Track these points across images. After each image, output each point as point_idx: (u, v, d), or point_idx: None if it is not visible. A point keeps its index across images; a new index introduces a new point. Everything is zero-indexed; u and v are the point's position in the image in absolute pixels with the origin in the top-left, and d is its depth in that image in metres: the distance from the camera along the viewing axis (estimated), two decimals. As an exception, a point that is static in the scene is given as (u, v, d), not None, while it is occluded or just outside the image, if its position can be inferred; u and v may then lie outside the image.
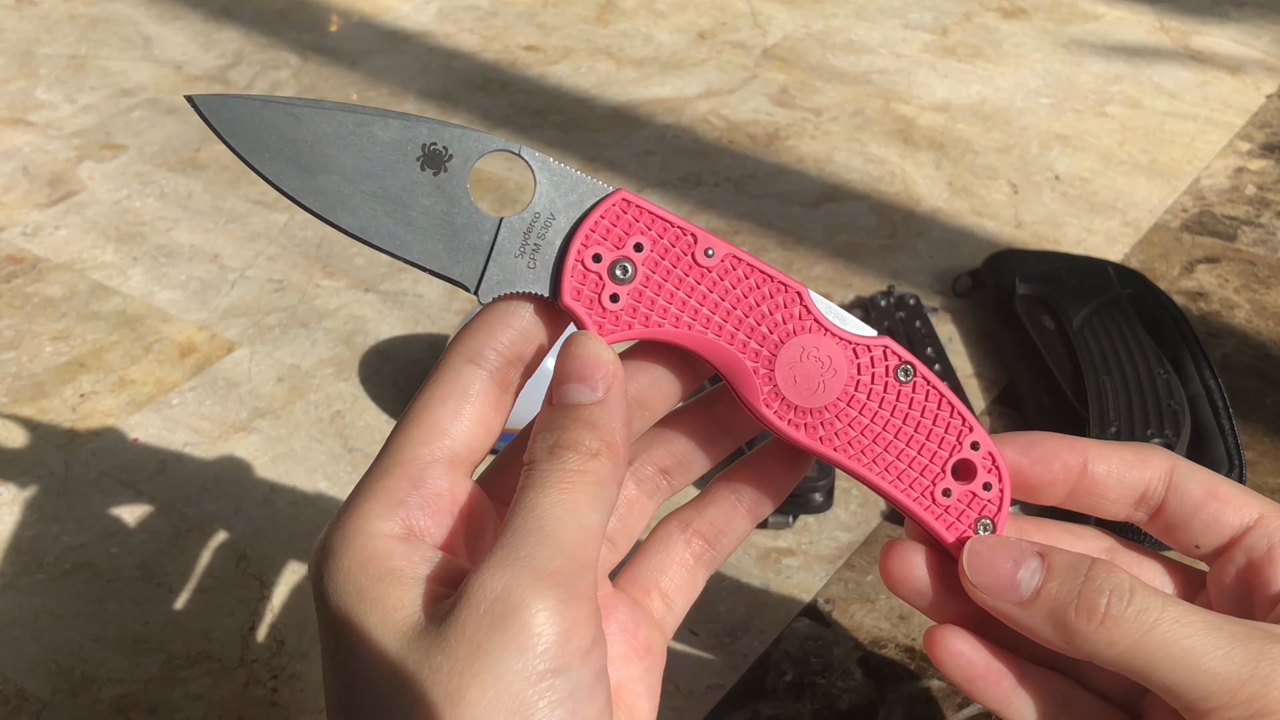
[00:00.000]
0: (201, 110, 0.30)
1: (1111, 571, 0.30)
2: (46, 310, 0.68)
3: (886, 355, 0.32)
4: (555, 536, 0.28)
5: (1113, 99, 0.85)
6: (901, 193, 0.76)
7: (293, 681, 0.48)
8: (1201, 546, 0.33)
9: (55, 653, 0.49)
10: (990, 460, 0.33)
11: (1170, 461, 0.33)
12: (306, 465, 0.58)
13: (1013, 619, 0.31)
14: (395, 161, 0.31)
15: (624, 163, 0.80)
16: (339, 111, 0.31)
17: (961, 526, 0.33)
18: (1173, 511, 0.33)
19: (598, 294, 0.31)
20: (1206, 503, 0.33)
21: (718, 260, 0.32)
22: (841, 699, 0.47)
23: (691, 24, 0.97)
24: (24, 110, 0.87)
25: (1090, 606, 0.30)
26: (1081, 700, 0.35)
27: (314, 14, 0.99)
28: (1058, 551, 0.31)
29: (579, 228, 0.31)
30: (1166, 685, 0.29)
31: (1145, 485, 0.33)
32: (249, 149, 0.30)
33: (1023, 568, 0.31)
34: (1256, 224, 0.72)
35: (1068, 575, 0.30)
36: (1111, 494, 0.33)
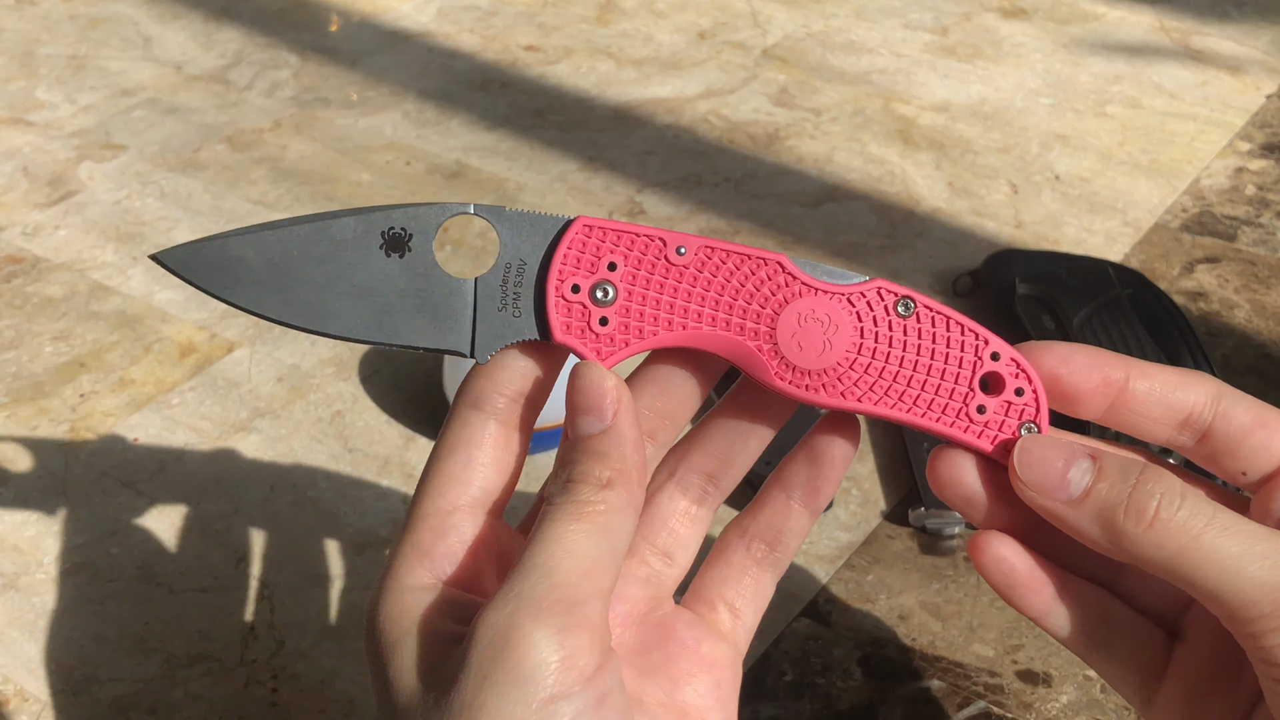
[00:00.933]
0: (169, 265, 0.31)
1: (1163, 476, 0.30)
2: (46, 310, 0.68)
3: (882, 295, 0.32)
4: (559, 569, 0.29)
5: (1113, 99, 0.85)
6: (901, 193, 0.76)
7: (293, 681, 0.48)
8: (1249, 474, 0.32)
9: (55, 653, 0.49)
10: (1015, 365, 0.33)
11: (1217, 386, 0.33)
12: (306, 465, 0.58)
13: (1060, 518, 0.31)
14: (361, 257, 0.32)
15: (624, 163, 0.80)
16: (294, 226, 0.31)
17: (1005, 436, 0.33)
18: (1220, 436, 0.32)
19: (586, 322, 0.32)
20: (1255, 429, 0.32)
21: (692, 255, 0.32)
22: (841, 699, 0.47)
23: (691, 24, 0.97)
24: (24, 110, 0.87)
25: (1140, 508, 0.30)
26: (1122, 614, 0.34)
27: (314, 14, 0.99)
28: (1109, 454, 0.31)
29: (550, 264, 0.32)
30: (1210, 592, 0.29)
31: (1190, 407, 0.32)
32: (224, 289, 0.31)
33: (1074, 467, 0.31)
34: (1256, 224, 0.72)
35: (1119, 477, 0.30)
36: (1154, 413, 0.32)
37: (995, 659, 0.48)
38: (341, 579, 0.52)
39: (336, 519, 0.55)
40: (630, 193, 0.77)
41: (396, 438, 0.59)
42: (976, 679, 0.47)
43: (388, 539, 0.54)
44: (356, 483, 0.57)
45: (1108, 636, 0.34)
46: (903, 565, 0.52)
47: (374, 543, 0.54)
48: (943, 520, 0.52)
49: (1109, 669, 0.35)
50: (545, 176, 0.78)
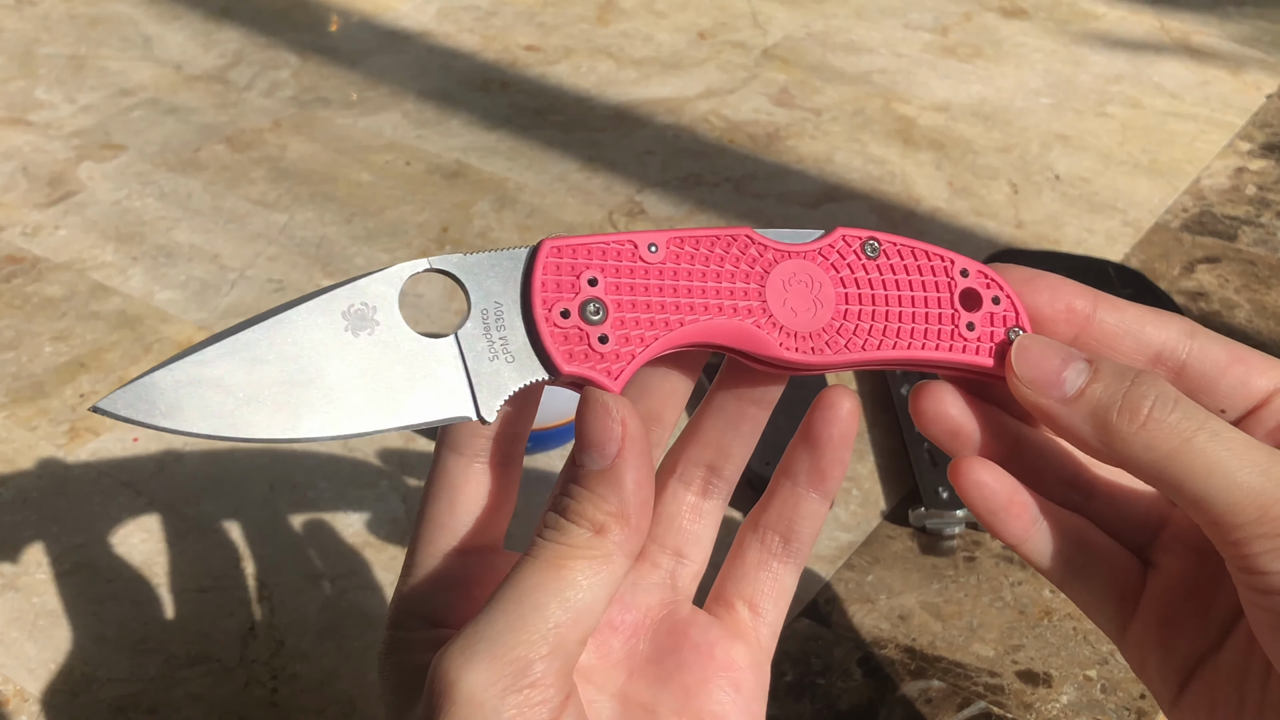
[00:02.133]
0: (130, 416, 0.28)
1: (1158, 380, 0.30)
2: (46, 310, 0.68)
3: (848, 242, 0.32)
4: (524, 624, 0.28)
5: (1113, 99, 0.85)
6: (901, 193, 0.76)
7: (292, 681, 0.48)
8: (1228, 411, 0.32)
9: (55, 653, 0.49)
10: (984, 277, 0.33)
11: (1189, 324, 0.32)
12: (306, 465, 0.58)
13: (1053, 417, 0.31)
14: (332, 345, 0.29)
15: (624, 163, 0.80)
16: (250, 332, 0.28)
17: (995, 343, 0.33)
18: (1196, 374, 0.32)
19: (587, 345, 0.30)
20: (1232, 365, 0.32)
21: (664, 251, 0.31)
22: (841, 699, 0.47)
23: (691, 24, 0.97)
24: (24, 110, 0.87)
25: (1134, 408, 0.30)
26: (1098, 540, 0.34)
27: (314, 14, 0.99)
28: (1104, 359, 0.31)
29: (530, 296, 0.30)
30: (1197, 496, 0.29)
31: (1162, 343, 0.32)
32: (196, 423, 0.28)
33: (1070, 367, 0.31)
34: (1257, 224, 0.72)
35: (1114, 378, 0.30)
36: (1123, 346, 0.32)
37: (995, 659, 0.48)
38: (341, 579, 0.52)
39: (336, 519, 0.55)
40: (630, 193, 0.77)
41: (396, 438, 0.59)
42: (977, 679, 0.47)
43: (388, 539, 0.54)
44: (356, 483, 0.57)
45: (1084, 563, 0.34)
46: (903, 565, 0.52)
47: (374, 543, 0.54)
48: (943, 520, 0.52)
49: (1086, 596, 0.35)
50: (545, 176, 0.78)
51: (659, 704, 0.33)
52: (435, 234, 0.73)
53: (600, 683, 0.33)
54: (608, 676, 0.33)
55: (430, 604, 0.32)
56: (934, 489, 0.53)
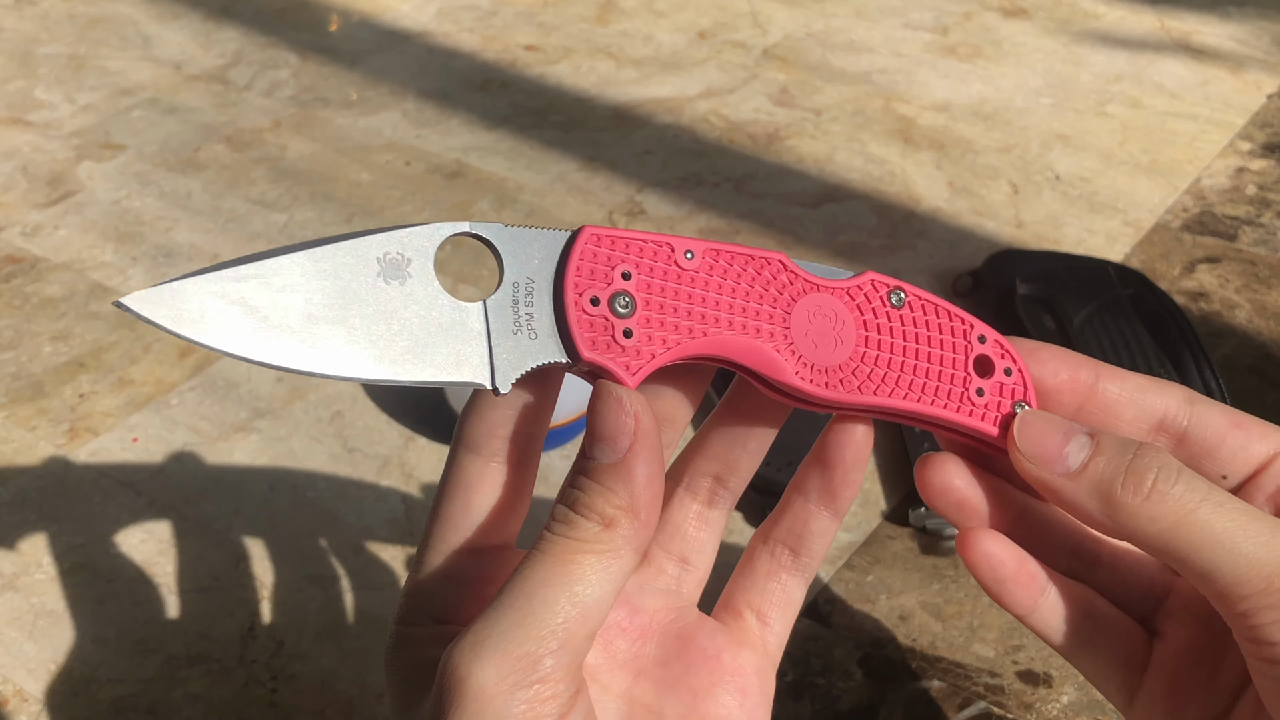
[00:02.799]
0: (142, 314, 0.27)
1: (1160, 452, 0.30)
2: (46, 310, 0.68)
3: (876, 287, 0.33)
4: (533, 619, 0.28)
5: (1113, 99, 0.85)
6: (901, 193, 0.76)
7: (292, 681, 0.48)
8: (1229, 477, 0.33)
9: (55, 653, 0.49)
10: (1000, 347, 0.33)
11: (1188, 392, 0.33)
12: (306, 465, 0.58)
13: (1058, 492, 0.31)
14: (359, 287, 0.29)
15: (624, 163, 0.80)
16: (285, 256, 0.28)
17: (1001, 415, 0.33)
18: (1197, 441, 0.32)
19: (611, 336, 0.30)
20: (1232, 431, 0.32)
21: (700, 259, 0.31)
22: (841, 699, 0.47)
23: (691, 24, 0.97)
24: (23, 110, 0.87)
25: (1138, 481, 0.30)
26: (1104, 610, 0.34)
27: (314, 13, 0.99)
28: (1106, 432, 0.31)
29: (564, 279, 0.30)
30: (1203, 569, 0.29)
31: (1164, 411, 0.32)
32: (208, 335, 0.27)
33: (1072, 441, 0.31)
34: (1257, 224, 0.72)
35: (1117, 451, 0.30)
36: (1126, 415, 0.33)
37: (996, 659, 0.48)
38: (341, 579, 0.52)
39: (336, 519, 0.55)
40: (630, 192, 0.77)
41: (396, 438, 0.59)
42: (977, 679, 0.47)
43: (387, 539, 0.54)
44: (356, 483, 0.57)
45: (1091, 633, 0.34)
46: (903, 565, 0.52)
47: (374, 543, 0.54)
48: (943, 520, 0.52)
49: (1093, 667, 0.35)
50: (545, 176, 0.78)
51: (665, 707, 0.33)
52: (435, 234, 0.73)
53: (606, 683, 0.33)
54: (614, 677, 0.33)
55: (440, 601, 0.32)
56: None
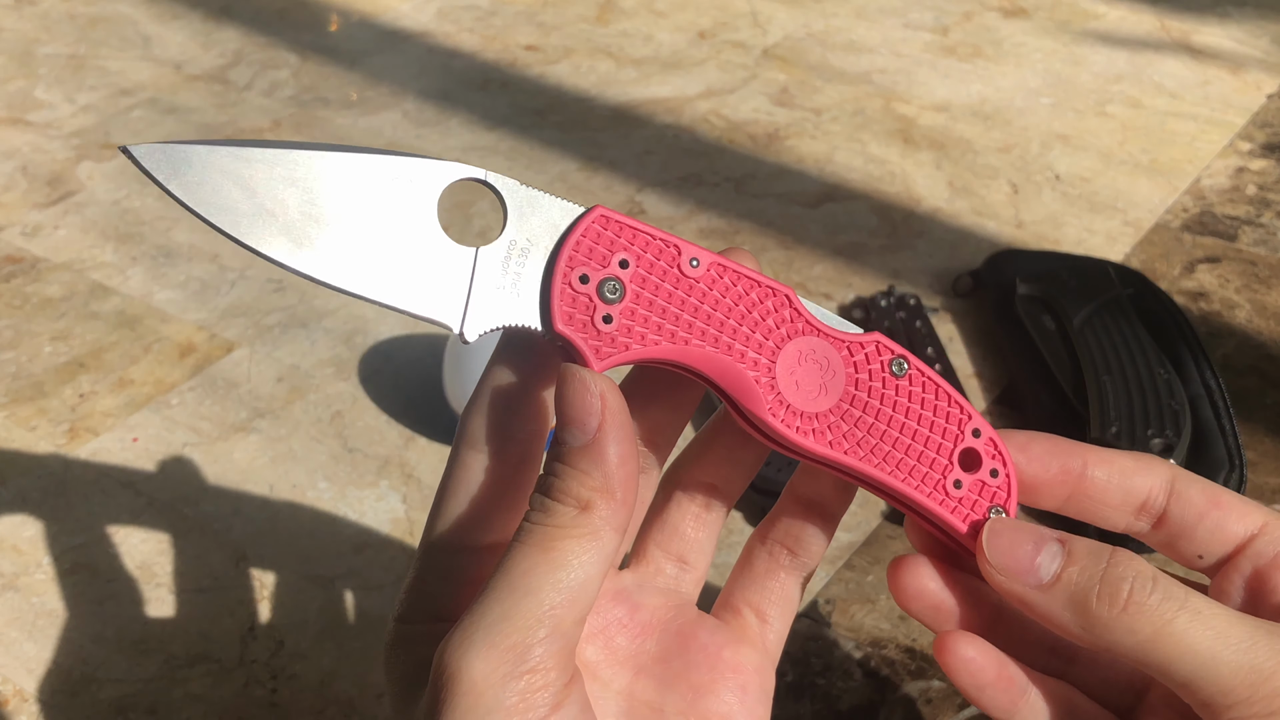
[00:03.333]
0: (152, 173, 0.28)
1: (1134, 560, 0.30)
2: (46, 310, 0.68)
3: (879, 350, 0.32)
4: (518, 610, 0.28)
5: (1113, 99, 0.85)
6: (901, 193, 0.76)
7: (292, 682, 0.48)
8: (1205, 557, 0.32)
9: (55, 653, 0.49)
10: (993, 446, 0.32)
11: (1171, 470, 0.33)
12: (306, 465, 0.58)
13: (1031, 604, 0.30)
14: (362, 201, 0.29)
15: (624, 163, 0.80)
16: (302, 151, 0.29)
17: (975, 516, 0.32)
18: (1176, 520, 0.32)
19: (590, 317, 0.30)
20: (1210, 511, 0.32)
21: (704, 270, 0.30)
22: (841, 699, 0.47)
23: (691, 24, 0.97)
24: (23, 110, 0.87)
25: (1113, 592, 0.29)
26: (1083, 707, 0.34)
27: (314, 13, 0.99)
28: (1077, 538, 0.31)
29: (560, 250, 0.30)
30: (1185, 679, 0.29)
31: (1147, 492, 0.32)
32: (205, 205, 0.28)
33: (1043, 551, 0.30)
34: (1257, 224, 0.72)
35: (1090, 560, 0.30)
36: (1113, 500, 0.32)
37: (996, 659, 0.48)
38: (341, 579, 0.52)
39: (336, 519, 0.55)
40: (630, 192, 0.77)
41: (396, 438, 0.59)
42: (977, 679, 0.47)
43: (387, 539, 0.54)
44: (356, 483, 0.57)
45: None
46: (903, 565, 0.52)
47: (373, 543, 0.54)
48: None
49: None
50: (545, 176, 0.78)
51: (665, 703, 0.33)
52: (435, 234, 0.73)
53: (606, 679, 0.33)
54: (614, 674, 0.33)
55: (439, 599, 0.31)
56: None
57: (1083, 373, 0.57)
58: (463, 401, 0.56)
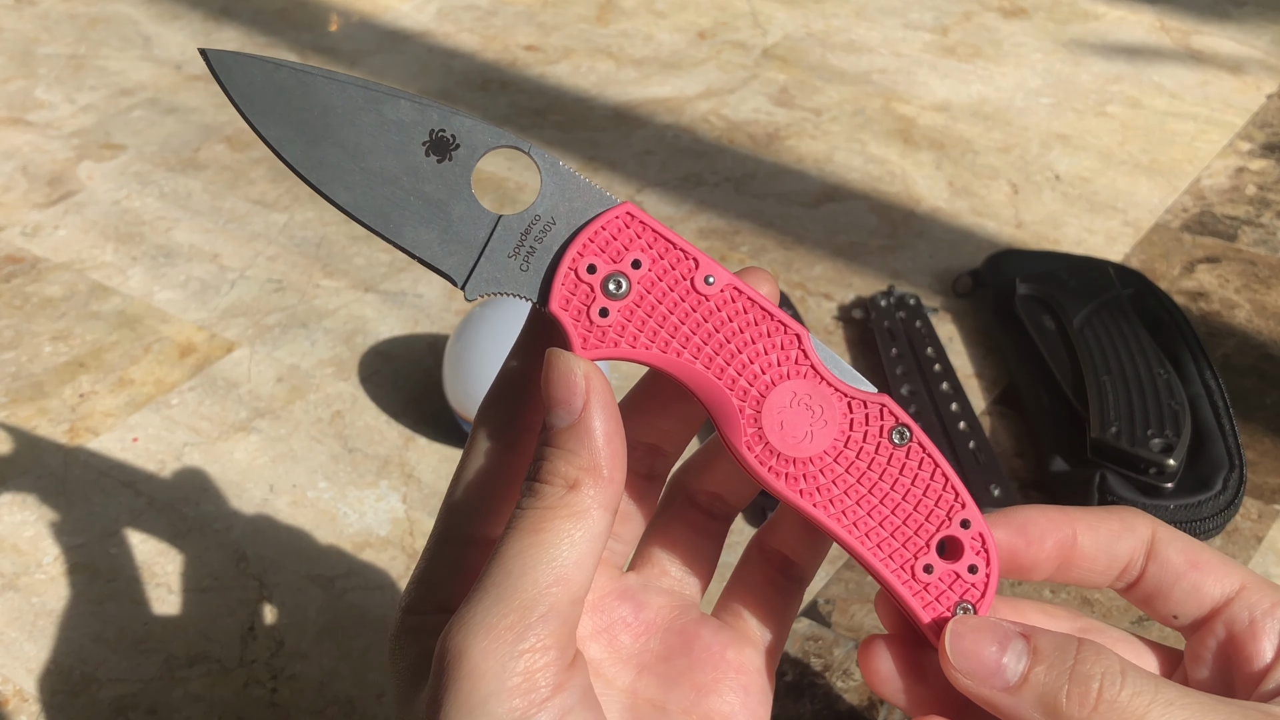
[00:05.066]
0: (213, 65, 0.30)
1: (1101, 653, 0.29)
2: (46, 310, 0.68)
3: (883, 414, 0.30)
4: (515, 590, 0.28)
5: (1113, 99, 0.85)
6: (901, 193, 0.76)
7: (292, 681, 0.48)
8: (1180, 617, 0.32)
9: (55, 653, 0.49)
10: (980, 542, 0.31)
11: (1151, 527, 0.32)
12: (306, 465, 0.58)
13: (998, 706, 0.30)
14: (400, 143, 0.30)
15: (624, 163, 0.80)
16: (350, 85, 0.30)
17: (940, 608, 0.31)
18: (1153, 580, 0.32)
19: (587, 306, 0.30)
20: (1188, 572, 0.32)
21: (718, 289, 0.30)
22: (841, 699, 0.47)
23: (691, 24, 0.97)
24: (23, 110, 0.87)
25: (1083, 691, 0.28)
26: None
27: (314, 14, 0.99)
28: (1042, 632, 0.30)
29: (577, 235, 0.30)
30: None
31: (1130, 555, 0.32)
32: (255, 111, 0.30)
33: (1008, 651, 0.29)
34: (1257, 224, 0.72)
35: (1056, 657, 0.29)
36: (1099, 566, 0.32)
37: (995, 659, 0.48)
38: (341, 579, 0.52)
39: (336, 519, 0.55)
40: (630, 192, 0.77)
41: (396, 438, 0.59)
42: (977, 679, 0.47)
43: (387, 539, 0.54)
44: (356, 483, 0.57)
45: None
46: (903, 565, 0.52)
47: (374, 543, 0.54)
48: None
49: None
50: (545, 176, 0.78)
51: (669, 702, 0.33)
52: (435, 234, 0.73)
53: (610, 677, 0.33)
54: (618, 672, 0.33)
55: (446, 590, 0.31)
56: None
57: (1082, 373, 0.57)
58: (463, 401, 0.56)
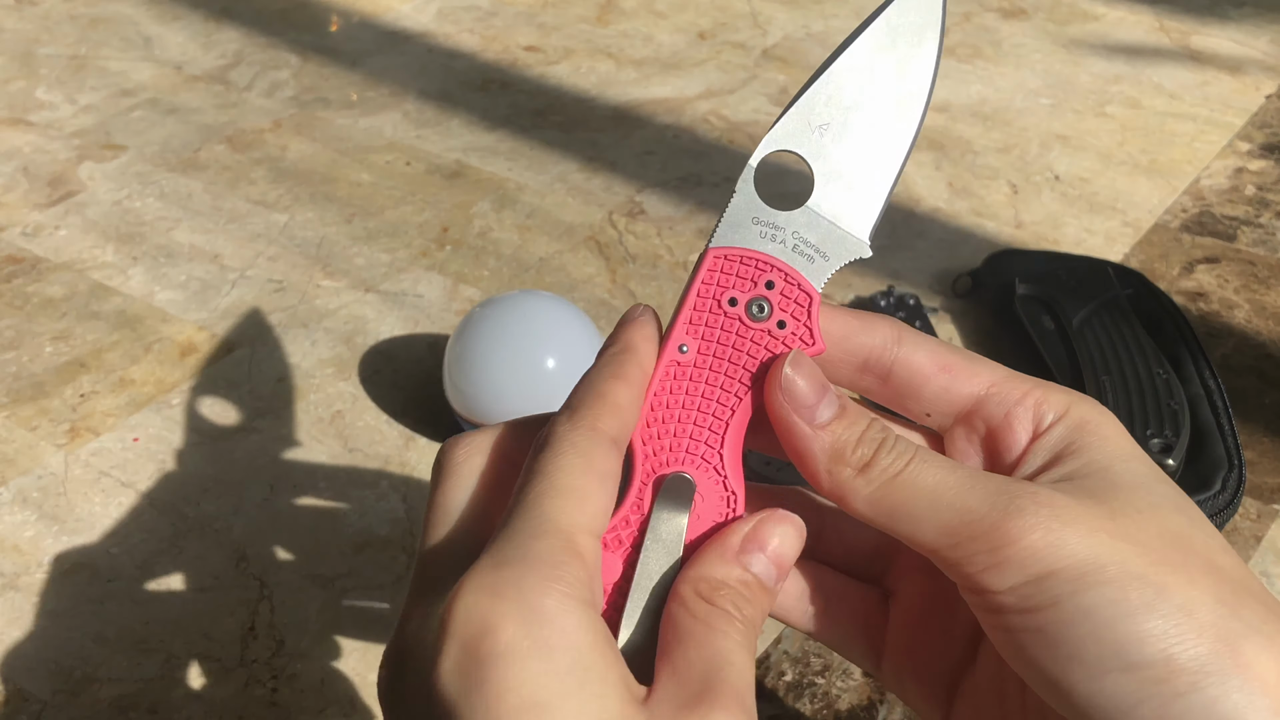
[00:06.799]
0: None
1: (888, 427, 0.31)
2: (47, 310, 0.68)
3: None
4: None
5: (1112, 99, 0.85)
6: (901, 193, 0.76)
7: (293, 681, 0.48)
8: (934, 415, 0.33)
9: (55, 653, 0.49)
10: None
11: (897, 329, 0.33)
12: (306, 465, 0.58)
13: (795, 437, 0.31)
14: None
15: (624, 163, 0.80)
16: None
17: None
18: (902, 380, 0.33)
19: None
20: (937, 374, 0.32)
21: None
22: (841, 699, 0.47)
23: (691, 24, 0.97)
24: (24, 110, 0.87)
25: (862, 453, 0.31)
26: (832, 581, 0.35)
27: (314, 14, 0.99)
28: (852, 403, 0.32)
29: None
30: (911, 530, 0.30)
31: (868, 351, 0.33)
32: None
33: (825, 400, 0.31)
34: (1256, 224, 0.73)
35: (855, 418, 0.31)
36: (830, 355, 0.33)
37: (995, 659, 0.48)
38: (342, 579, 0.52)
39: (336, 519, 0.55)
40: (630, 193, 0.77)
41: (396, 438, 0.59)
42: (976, 679, 0.47)
43: (388, 539, 0.54)
44: (356, 483, 0.57)
45: (825, 607, 0.35)
46: (902, 565, 0.52)
47: (374, 543, 0.54)
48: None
49: (836, 639, 0.35)
50: (545, 176, 0.78)
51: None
52: (435, 234, 0.73)
53: None
54: None
55: (568, 581, 0.30)
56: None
57: (1082, 373, 0.57)
58: (463, 401, 0.56)
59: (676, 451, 0.32)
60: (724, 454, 0.32)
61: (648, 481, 0.32)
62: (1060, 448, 0.31)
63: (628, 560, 0.31)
